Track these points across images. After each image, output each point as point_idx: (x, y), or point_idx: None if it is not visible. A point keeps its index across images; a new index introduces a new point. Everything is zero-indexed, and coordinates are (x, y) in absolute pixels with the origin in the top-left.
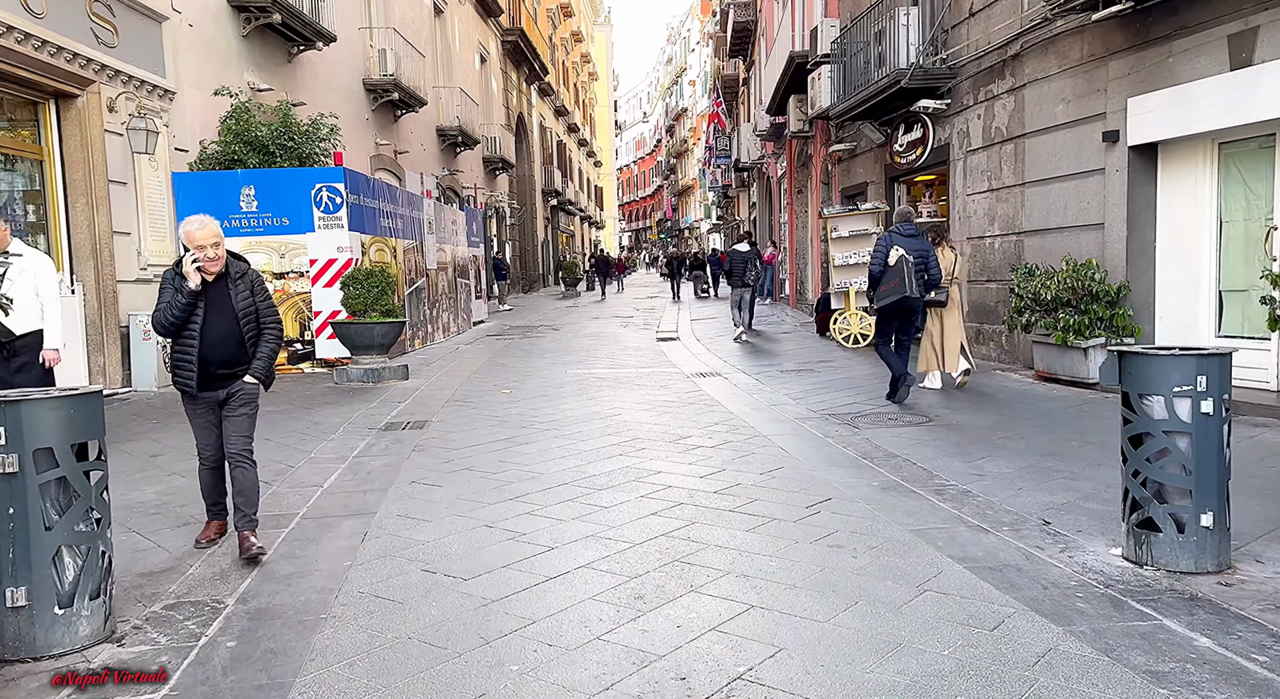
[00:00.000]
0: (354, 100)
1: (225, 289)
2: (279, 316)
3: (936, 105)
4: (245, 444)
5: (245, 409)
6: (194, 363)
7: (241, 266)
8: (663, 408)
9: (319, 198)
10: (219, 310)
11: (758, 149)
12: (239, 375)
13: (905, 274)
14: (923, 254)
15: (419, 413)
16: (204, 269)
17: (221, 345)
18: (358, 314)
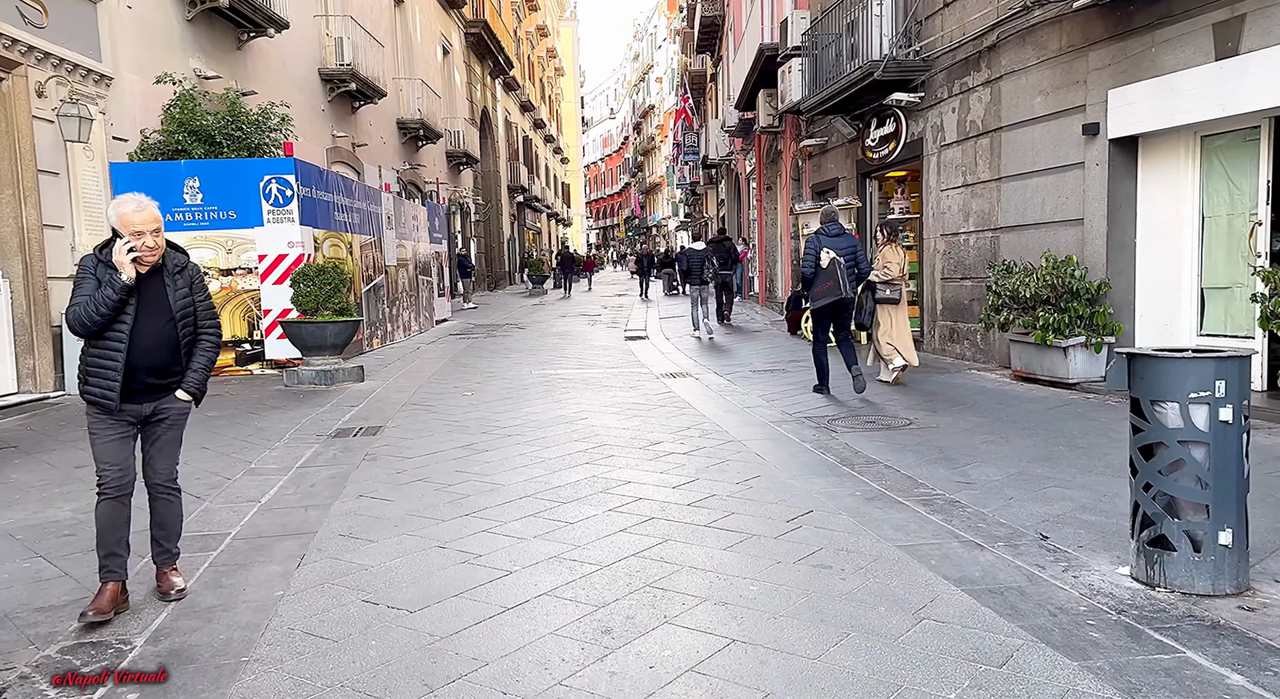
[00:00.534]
0: (309, 90)
1: (161, 284)
2: (218, 320)
3: (910, 98)
4: (172, 472)
5: (175, 431)
6: (119, 370)
7: (181, 259)
8: (632, 411)
9: (268, 190)
10: (153, 309)
11: (726, 145)
12: (170, 388)
13: (839, 275)
14: (850, 252)
15: (373, 417)
16: (140, 260)
17: (154, 350)
18: (309, 313)
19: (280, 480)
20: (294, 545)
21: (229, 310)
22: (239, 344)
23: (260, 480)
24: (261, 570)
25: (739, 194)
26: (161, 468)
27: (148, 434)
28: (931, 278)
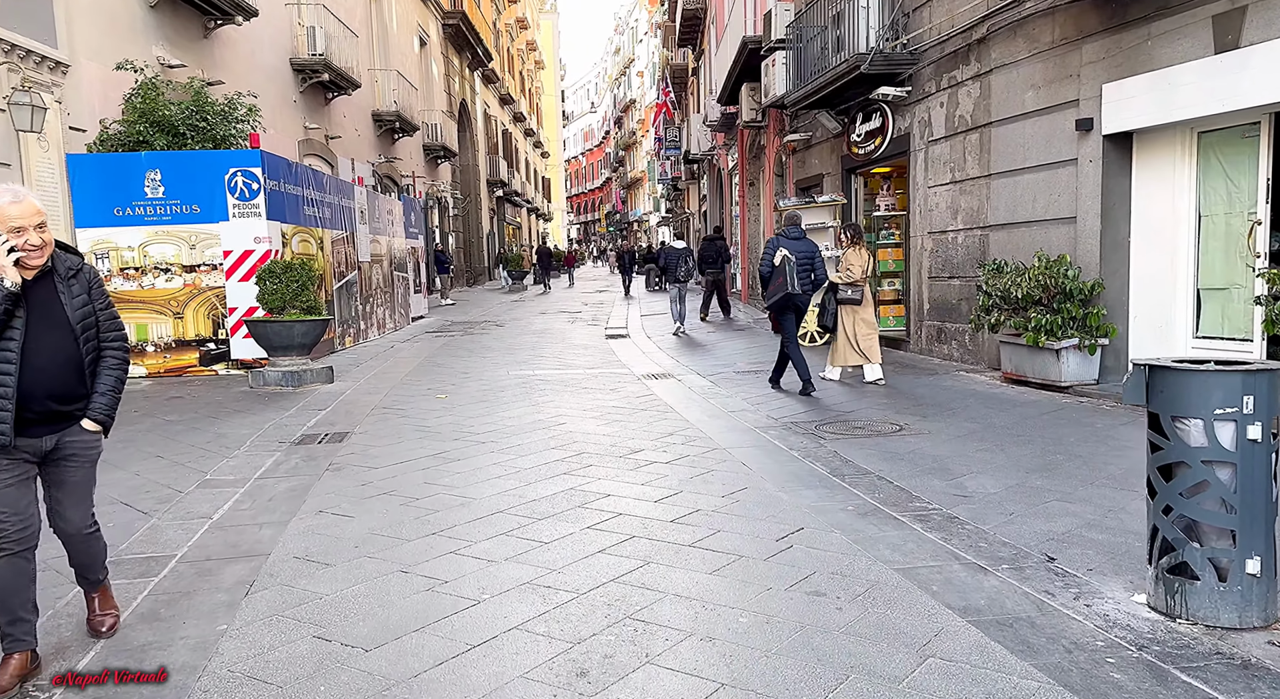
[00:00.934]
0: (280, 81)
1: (54, 291)
2: (124, 331)
3: (897, 93)
4: (87, 519)
5: (86, 472)
6: (9, 398)
7: (74, 261)
8: (612, 415)
9: (233, 183)
10: (47, 322)
11: (708, 140)
12: (74, 417)
13: (789, 274)
14: (807, 255)
15: (340, 422)
16: (24, 262)
17: (52, 372)
18: (275, 311)
19: (236, 494)
20: (244, 570)
21: (192, 308)
22: (203, 343)
23: (214, 494)
24: (206, 599)
25: (721, 190)
26: (74, 517)
27: (52, 476)
28: (919, 276)
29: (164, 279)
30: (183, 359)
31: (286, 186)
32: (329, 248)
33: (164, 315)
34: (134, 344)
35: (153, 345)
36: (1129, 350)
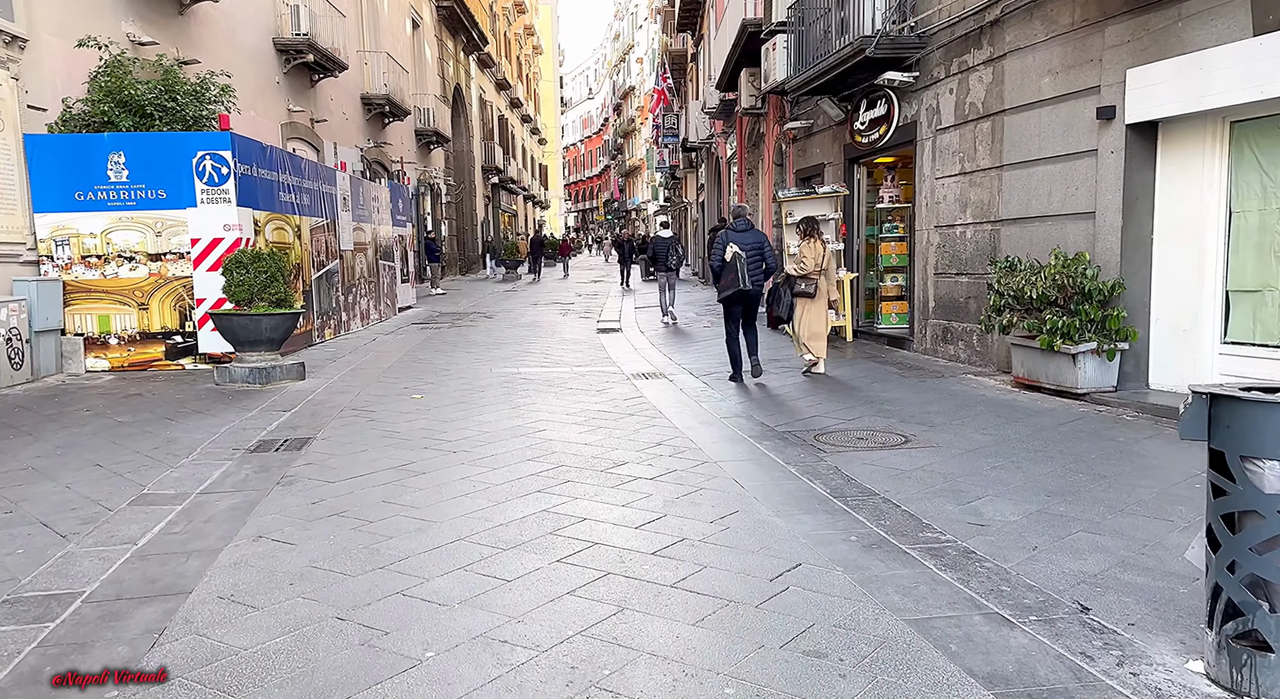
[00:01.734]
0: (262, 61)
1: None
2: None
3: (903, 78)
4: None
5: None
6: None
7: None
8: (597, 421)
9: (201, 167)
10: None
11: (706, 128)
12: None
13: (740, 269)
14: (757, 247)
15: (303, 426)
16: None
17: None
18: (243, 304)
19: (172, 512)
20: (157, 613)
21: (158, 299)
22: (169, 336)
23: (148, 513)
24: (102, 654)
25: (719, 179)
26: None
27: None
28: (924, 273)
29: (128, 268)
30: (148, 352)
31: (260, 171)
32: (307, 236)
33: (128, 306)
34: (96, 336)
35: (115, 338)
36: (1150, 356)
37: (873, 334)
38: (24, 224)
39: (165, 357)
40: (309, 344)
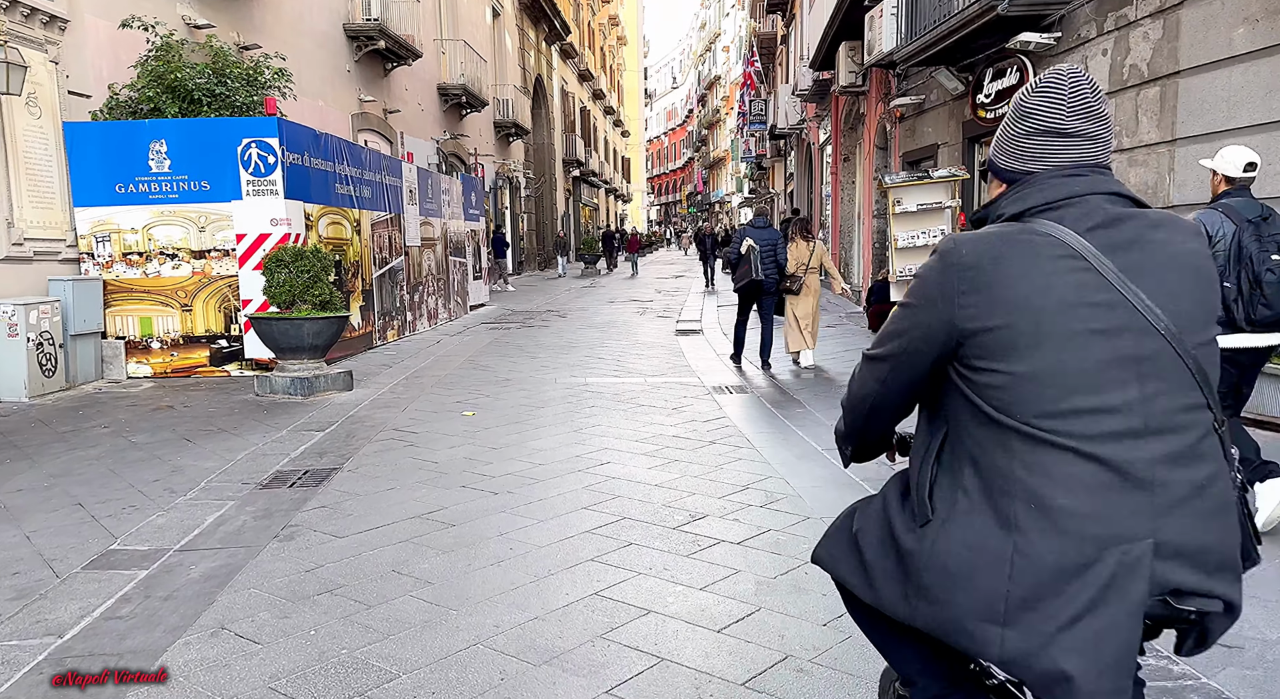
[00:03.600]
0: (331, 48)
1: None
2: None
3: (1041, 40)
4: None
5: None
6: None
7: None
8: (671, 451)
9: (247, 156)
10: None
11: (797, 112)
12: None
13: (754, 261)
14: (771, 244)
15: (332, 452)
16: None
17: None
18: (284, 306)
19: (131, 582)
20: None
21: (202, 299)
22: (214, 340)
23: (100, 582)
24: None
25: (810, 167)
26: None
27: None
28: None
29: (170, 266)
30: (191, 357)
31: (313, 161)
32: (367, 231)
33: (171, 307)
34: (138, 340)
35: (158, 342)
36: None
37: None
38: (64, 219)
39: (210, 362)
40: (369, 347)
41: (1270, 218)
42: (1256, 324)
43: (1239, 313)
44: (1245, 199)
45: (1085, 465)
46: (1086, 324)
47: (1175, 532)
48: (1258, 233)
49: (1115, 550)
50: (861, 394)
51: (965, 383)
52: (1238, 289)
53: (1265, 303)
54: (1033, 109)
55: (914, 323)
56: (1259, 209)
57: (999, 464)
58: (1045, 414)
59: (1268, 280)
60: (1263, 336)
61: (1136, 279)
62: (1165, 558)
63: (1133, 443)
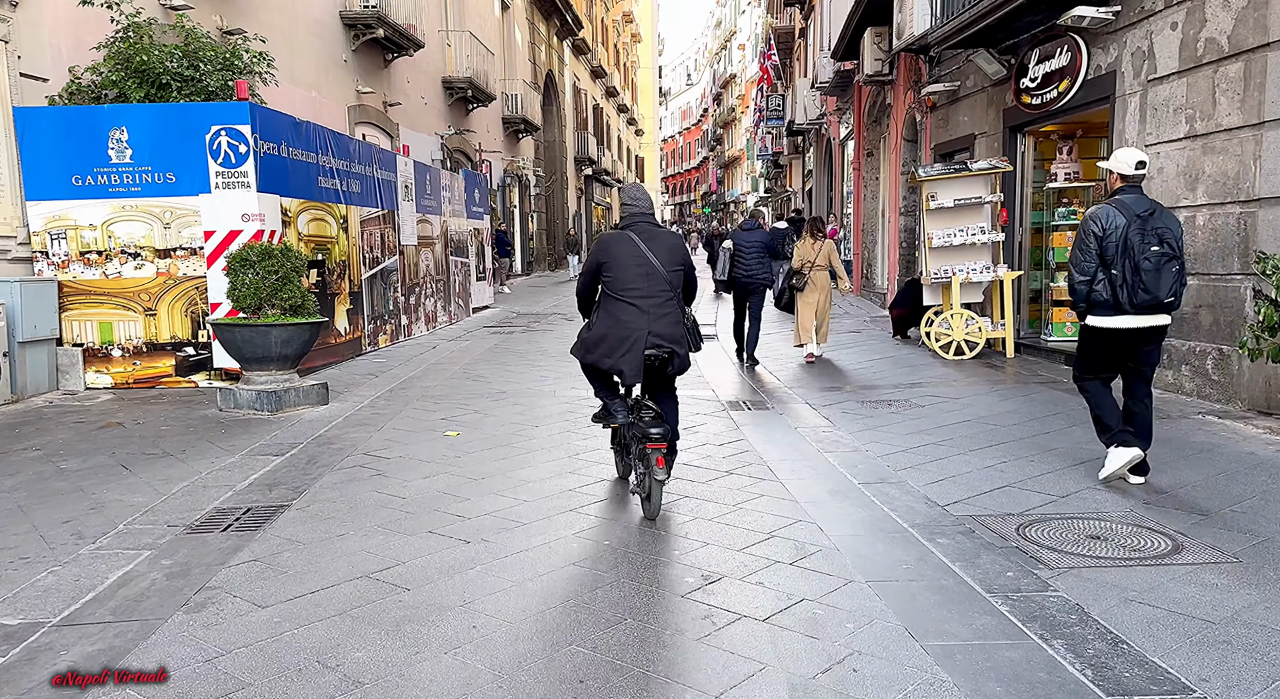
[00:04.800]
0: (326, 36)
1: None
2: None
3: (1097, 15)
4: None
5: None
6: None
7: None
8: (681, 484)
9: (216, 145)
10: None
11: (817, 107)
12: None
13: (723, 261)
14: (758, 243)
15: (286, 483)
16: None
17: None
18: (249, 311)
19: None
20: None
21: (167, 303)
22: (180, 347)
23: None
24: None
25: (830, 163)
26: None
27: None
28: None
29: (133, 266)
30: (156, 367)
31: (292, 151)
32: (356, 229)
33: (133, 312)
34: (98, 347)
35: (119, 349)
36: None
37: (1041, 348)
38: (14, 214)
39: (175, 372)
40: (357, 353)
41: (1155, 213)
42: (1137, 307)
43: (1124, 296)
44: (1136, 195)
45: (629, 306)
46: (633, 262)
47: (656, 328)
48: (1143, 226)
49: (636, 332)
50: (579, 290)
51: (602, 281)
52: (1123, 276)
53: (1144, 288)
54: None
55: (590, 265)
56: (1147, 205)
57: (608, 305)
58: (619, 289)
59: (1145, 268)
60: (1143, 318)
61: (651, 248)
62: (652, 335)
63: (643, 300)
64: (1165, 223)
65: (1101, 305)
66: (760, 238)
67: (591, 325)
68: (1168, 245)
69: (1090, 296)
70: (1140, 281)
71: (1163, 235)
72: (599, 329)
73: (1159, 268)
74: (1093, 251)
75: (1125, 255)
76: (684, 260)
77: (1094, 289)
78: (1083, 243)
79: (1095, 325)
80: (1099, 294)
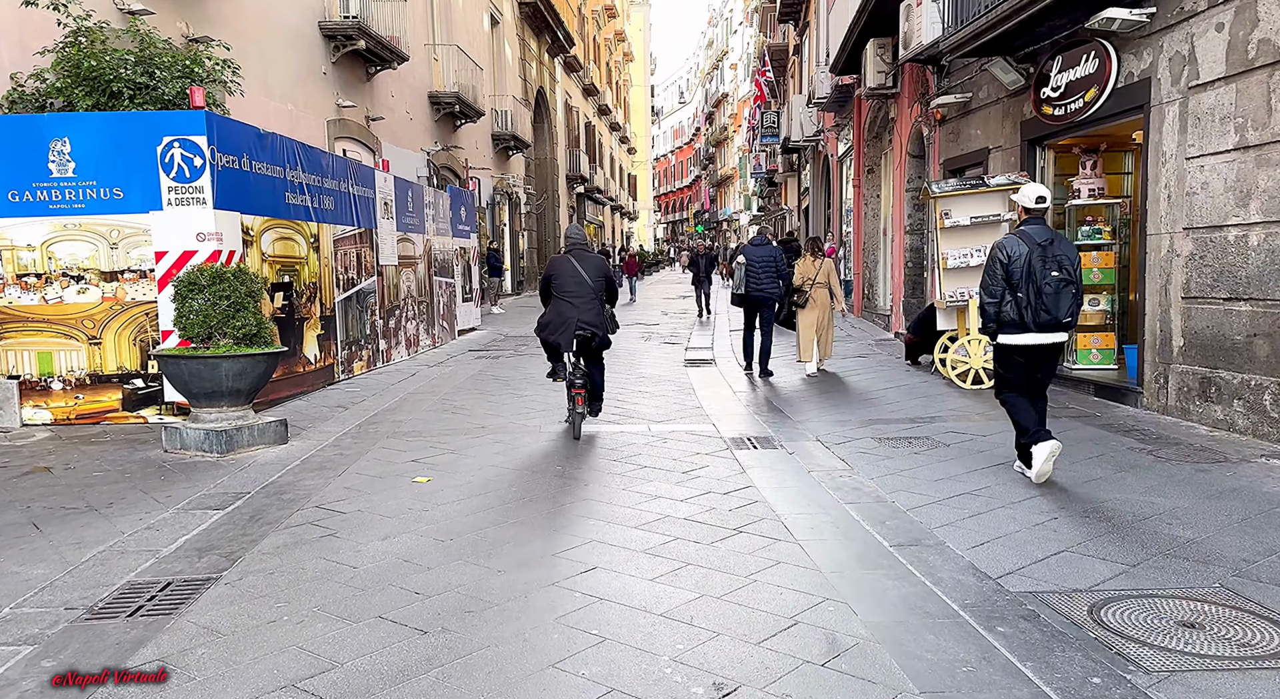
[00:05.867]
0: (304, 47)
1: None
2: None
3: (1129, 17)
4: None
5: None
6: None
7: None
8: (682, 548)
9: (169, 158)
10: None
11: (813, 123)
12: None
13: (739, 276)
14: (769, 259)
15: (220, 547)
16: None
17: None
18: (198, 340)
19: None
20: None
21: (114, 330)
22: (128, 379)
23: None
24: None
25: (828, 181)
26: None
27: None
28: (1161, 295)
29: (76, 290)
30: (101, 400)
31: (255, 165)
32: (328, 248)
33: (76, 340)
34: (36, 379)
35: (60, 382)
36: None
37: (1066, 377)
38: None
39: (123, 406)
40: (329, 382)
41: (1055, 242)
42: (1040, 325)
43: (1029, 317)
44: (1039, 226)
45: (566, 303)
46: (569, 275)
47: (584, 317)
48: (1044, 254)
49: (569, 320)
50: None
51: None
52: (1028, 299)
53: (1045, 309)
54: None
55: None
56: (1048, 235)
57: (554, 302)
58: (560, 292)
59: (1046, 291)
60: (1045, 335)
61: (583, 266)
62: (581, 322)
63: (575, 299)
64: (1064, 251)
65: (1009, 324)
66: (771, 253)
67: (545, 314)
68: (1065, 271)
69: (999, 316)
70: (1042, 303)
71: (1061, 262)
72: (548, 316)
73: (1058, 291)
74: (1000, 277)
75: (1029, 280)
76: (605, 274)
77: (1002, 310)
78: (992, 269)
79: (1005, 343)
80: (1007, 314)
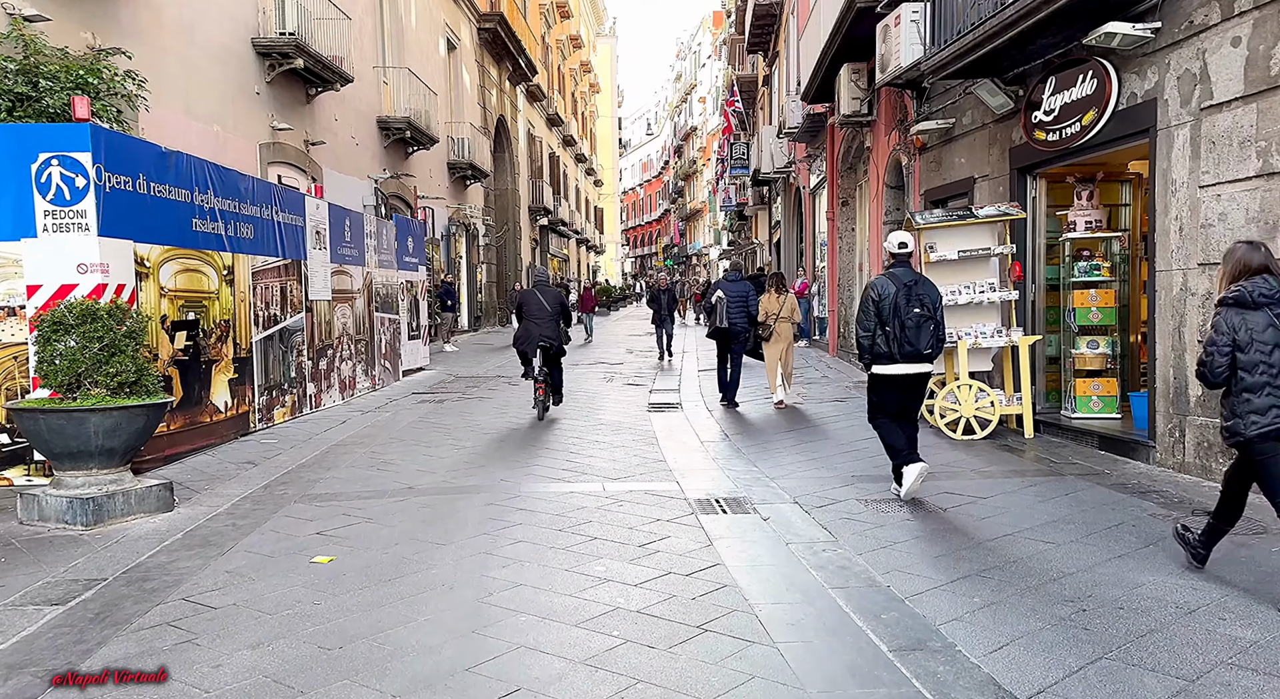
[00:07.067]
0: (235, 65)
1: None
2: None
3: (1132, 33)
4: None
5: None
6: None
7: None
8: (632, 656)
9: (45, 178)
10: None
11: (784, 154)
12: None
13: (720, 311)
14: (741, 295)
15: (39, 664)
16: None
17: None
18: (63, 389)
19: None
20: None
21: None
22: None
23: None
24: None
25: (800, 213)
26: None
27: None
28: (1174, 339)
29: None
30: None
31: (155, 187)
32: (245, 281)
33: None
34: None
35: None
36: None
37: (1064, 427)
38: None
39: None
40: (243, 432)
41: (919, 282)
42: (905, 356)
43: (895, 349)
44: (905, 268)
45: (532, 323)
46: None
47: (544, 332)
48: (908, 293)
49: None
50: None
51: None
52: (895, 333)
53: (909, 341)
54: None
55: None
56: (912, 276)
57: (523, 323)
58: (527, 315)
59: (908, 325)
60: (910, 366)
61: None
62: (542, 336)
63: (538, 320)
64: (926, 291)
65: (881, 356)
66: (743, 289)
67: (517, 331)
68: (926, 308)
69: (873, 349)
70: (906, 337)
71: (923, 300)
72: (520, 333)
73: (919, 326)
74: (871, 313)
75: (895, 316)
76: (561, 303)
77: (875, 343)
78: (865, 306)
79: (878, 373)
80: (879, 347)
